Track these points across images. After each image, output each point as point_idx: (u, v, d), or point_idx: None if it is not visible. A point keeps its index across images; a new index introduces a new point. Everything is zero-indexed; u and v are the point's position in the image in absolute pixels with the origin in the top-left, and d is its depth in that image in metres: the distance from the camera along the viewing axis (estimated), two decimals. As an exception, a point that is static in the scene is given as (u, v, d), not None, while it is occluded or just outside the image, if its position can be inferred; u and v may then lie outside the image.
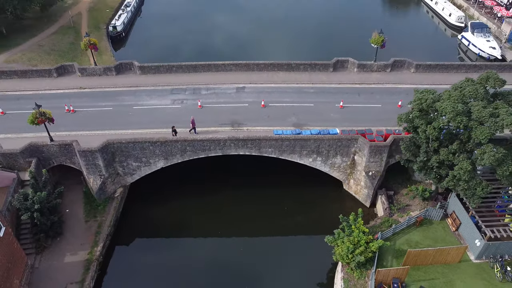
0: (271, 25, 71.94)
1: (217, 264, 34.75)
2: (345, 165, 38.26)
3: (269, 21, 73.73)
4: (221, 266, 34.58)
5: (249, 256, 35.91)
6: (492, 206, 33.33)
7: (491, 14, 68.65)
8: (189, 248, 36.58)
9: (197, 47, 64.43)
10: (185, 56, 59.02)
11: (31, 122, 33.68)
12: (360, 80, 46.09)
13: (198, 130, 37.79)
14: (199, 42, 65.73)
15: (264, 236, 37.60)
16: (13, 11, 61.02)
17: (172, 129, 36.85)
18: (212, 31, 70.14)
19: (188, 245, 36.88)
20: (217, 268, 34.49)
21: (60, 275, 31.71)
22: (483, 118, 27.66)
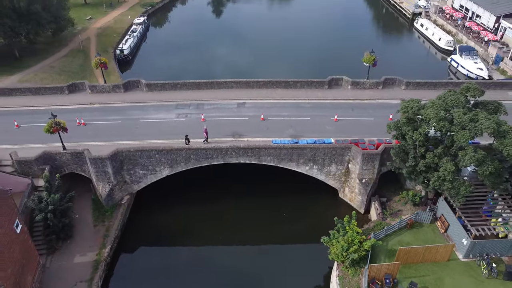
0: (270, 46, 76.15)
1: (218, 265, 36.48)
2: (340, 173, 40.52)
3: (269, 41, 78.00)
4: (221, 267, 36.32)
5: (250, 260, 37.67)
6: (479, 210, 35.39)
7: (479, 38, 72.48)
8: (190, 253, 38.17)
9: (200, 67, 68.05)
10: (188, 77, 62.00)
11: (47, 131, 36.22)
12: (353, 96, 49.02)
13: (203, 146, 39.86)
14: (201, 63, 69.48)
15: (263, 241, 39.28)
16: (27, 36, 64.93)
17: (185, 138, 39.38)
18: (214, 52, 74.44)
19: (189, 250, 38.52)
20: (217, 269, 36.20)
21: (70, 274, 33.42)
22: (463, 123, 30.20)
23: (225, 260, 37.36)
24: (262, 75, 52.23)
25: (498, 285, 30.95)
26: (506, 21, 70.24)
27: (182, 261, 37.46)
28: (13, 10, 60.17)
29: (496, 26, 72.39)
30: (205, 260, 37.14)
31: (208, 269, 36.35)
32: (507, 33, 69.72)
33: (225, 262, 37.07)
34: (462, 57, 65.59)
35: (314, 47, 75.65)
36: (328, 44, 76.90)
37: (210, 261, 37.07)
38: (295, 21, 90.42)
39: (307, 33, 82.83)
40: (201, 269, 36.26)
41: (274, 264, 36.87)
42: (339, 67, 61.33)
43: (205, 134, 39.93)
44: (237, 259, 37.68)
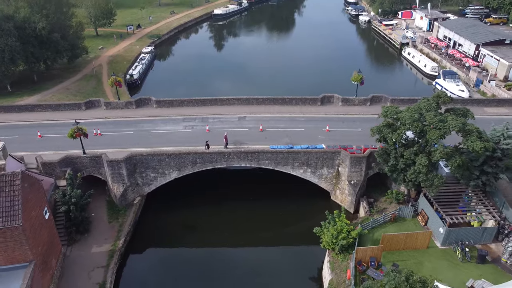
0: (269, 69, 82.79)
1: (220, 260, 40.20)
2: (331, 176, 44.86)
3: (268, 66, 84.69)
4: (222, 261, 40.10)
5: (250, 253, 41.44)
6: (456, 207, 39.49)
7: (461, 64, 78.58)
8: (193, 248, 41.89)
9: (203, 89, 73.36)
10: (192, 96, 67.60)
11: (70, 136, 40.95)
12: (344, 111, 54.12)
13: (208, 151, 44.54)
14: (204, 85, 75.07)
15: (263, 239, 42.96)
16: (45, 61, 70.96)
17: (206, 143, 44.30)
18: (216, 76, 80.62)
19: (192, 246, 42.11)
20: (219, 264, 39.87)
21: (88, 261, 37.14)
22: (434, 123, 34.97)
23: (225, 254, 41.20)
24: (261, 93, 57.27)
25: (472, 268, 34.63)
26: (485, 49, 76.53)
27: (186, 255, 41.22)
28: (35, 38, 66.43)
29: (476, 53, 78.61)
30: (206, 256, 40.81)
31: (210, 264, 39.86)
32: (486, 59, 75.82)
33: (226, 256, 40.93)
34: (445, 81, 71.19)
35: (309, 72, 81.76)
36: (322, 70, 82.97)
37: (212, 257, 40.67)
38: (292, 50, 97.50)
39: (304, 61, 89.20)
40: (203, 264, 39.87)
41: (272, 258, 40.49)
42: (331, 88, 66.45)
43: (225, 140, 44.81)
44: (237, 253, 41.45)
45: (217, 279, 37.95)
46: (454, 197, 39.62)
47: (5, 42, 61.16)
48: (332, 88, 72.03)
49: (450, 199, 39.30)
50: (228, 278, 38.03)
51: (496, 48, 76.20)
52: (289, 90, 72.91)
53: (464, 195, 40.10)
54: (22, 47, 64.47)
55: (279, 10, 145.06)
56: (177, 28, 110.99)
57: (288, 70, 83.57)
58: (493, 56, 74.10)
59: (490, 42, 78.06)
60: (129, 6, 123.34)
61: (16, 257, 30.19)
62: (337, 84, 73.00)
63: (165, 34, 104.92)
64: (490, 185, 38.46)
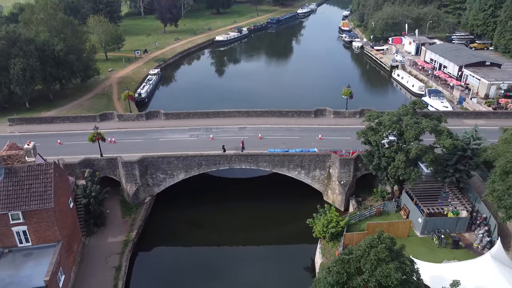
0: (268, 88, 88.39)
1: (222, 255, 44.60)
2: (323, 177, 49.65)
3: (267, 86, 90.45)
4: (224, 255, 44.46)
5: (248, 248, 45.65)
6: (435, 202, 44.11)
7: (446, 84, 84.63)
8: (196, 242, 46.03)
9: (206, 105, 78.78)
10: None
11: (90, 139, 46.09)
12: (335, 123, 59.47)
13: (213, 152, 49.67)
14: (207, 102, 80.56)
15: (261, 235, 47.32)
16: (61, 81, 76.93)
17: (222, 147, 49.53)
18: (218, 94, 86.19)
19: (196, 241, 46.26)
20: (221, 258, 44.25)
21: (105, 249, 41.48)
22: (410, 125, 40.15)
23: (226, 247, 45.54)
24: (259, 105, 62.82)
25: (447, 252, 38.96)
26: (467, 70, 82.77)
27: (191, 247, 45.54)
28: (53, 59, 72.58)
29: (460, 74, 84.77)
30: (209, 249, 45.14)
31: (212, 255, 44.21)
32: (468, 79, 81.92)
33: (227, 248, 45.29)
34: (430, 98, 76.90)
35: (305, 92, 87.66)
36: (317, 89, 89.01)
37: (214, 250, 45.08)
38: (289, 72, 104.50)
39: (300, 82, 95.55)
40: (206, 255, 44.19)
41: (270, 251, 44.91)
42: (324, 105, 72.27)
43: (242, 145, 49.92)
44: (238, 246, 45.74)
45: (219, 268, 42.05)
46: (433, 194, 44.29)
47: (27, 62, 67.17)
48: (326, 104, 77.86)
49: (430, 195, 43.97)
50: (229, 267, 42.21)
51: (477, 69, 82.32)
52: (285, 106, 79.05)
53: (442, 191, 44.82)
54: (41, 67, 70.46)
55: (277, 38, 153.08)
56: (181, 53, 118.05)
57: (285, 90, 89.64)
58: (475, 76, 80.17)
59: (472, 63, 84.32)
60: (136, 33, 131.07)
61: (46, 237, 34.70)
62: (330, 101, 78.25)
63: (170, 58, 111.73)
64: (463, 182, 43.25)
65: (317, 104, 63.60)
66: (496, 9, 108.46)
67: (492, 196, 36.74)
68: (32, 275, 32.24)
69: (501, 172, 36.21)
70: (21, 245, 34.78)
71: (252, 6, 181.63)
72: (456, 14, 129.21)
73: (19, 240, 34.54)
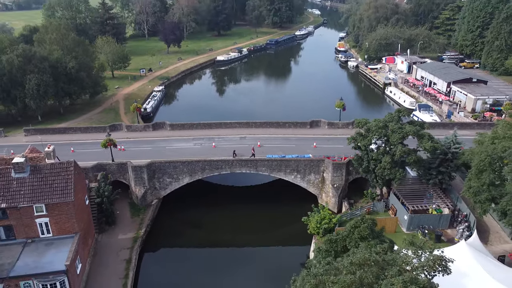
0: (267, 103, 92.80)
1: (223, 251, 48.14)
2: (317, 181, 53.51)
3: (266, 101, 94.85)
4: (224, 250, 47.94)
5: (248, 247, 49.18)
6: (421, 201, 47.86)
7: (435, 99, 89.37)
8: (199, 241, 49.58)
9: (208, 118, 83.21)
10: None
11: (103, 145, 50.19)
12: (329, 133, 63.73)
13: (215, 158, 53.63)
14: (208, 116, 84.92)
15: (260, 235, 50.92)
16: (71, 96, 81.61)
17: (233, 152, 53.76)
18: (219, 108, 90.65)
19: (198, 239, 49.87)
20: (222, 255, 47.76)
21: (116, 244, 45.03)
22: (394, 130, 44.32)
23: (227, 244, 49.06)
24: (258, 117, 67.20)
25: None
26: (455, 86, 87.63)
27: (194, 245, 48.92)
28: (65, 75, 77.39)
29: (448, 90, 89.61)
30: (211, 246, 48.58)
31: (213, 252, 47.77)
32: (456, 94, 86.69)
33: (227, 245, 48.82)
34: (420, 112, 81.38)
35: (302, 107, 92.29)
36: (314, 105, 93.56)
37: (215, 247, 48.52)
38: (287, 89, 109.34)
39: (297, 98, 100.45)
40: (208, 252, 47.71)
41: (269, 250, 48.49)
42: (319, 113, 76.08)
43: (253, 151, 54.27)
44: (237, 244, 49.26)
45: (219, 264, 45.44)
46: (419, 194, 48.12)
47: (41, 78, 71.93)
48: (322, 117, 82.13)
49: (415, 195, 47.79)
50: (228, 263, 45.61)
51: (464, 85, 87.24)
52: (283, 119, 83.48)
53: (428, 193, 48.65)
54: (54, 82, 75.20)
55: (276, 58, 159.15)
56: (184, 72, 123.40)
57: (283, 105, 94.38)
58: (462, 92, 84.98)
59: (460, 80, 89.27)
60: (140, 54, 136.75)
61: (66, 228, 38.36)
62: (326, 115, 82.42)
63: (174, 77, 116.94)
64: (446, 183, 47.26)
65: (314, 117, 67.89)
66: (483, 30, 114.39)
67: (469, 192, 40.63)
68: (53, 261, 35.78)
69: (476, 171, 40.19)
70: (43, 235, 38.39)
71: (252, 29, 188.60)
72: (446, 35, 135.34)
73: (41, 231, 38.17)
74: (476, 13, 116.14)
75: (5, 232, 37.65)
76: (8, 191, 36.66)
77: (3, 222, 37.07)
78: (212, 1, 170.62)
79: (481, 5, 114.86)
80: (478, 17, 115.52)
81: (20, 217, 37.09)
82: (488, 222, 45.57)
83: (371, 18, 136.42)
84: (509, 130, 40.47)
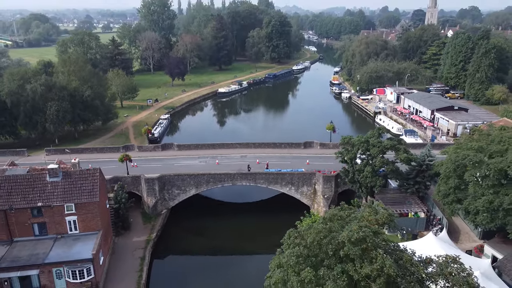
0: (265, 126, 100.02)
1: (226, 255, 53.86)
2: (310, 192, 59.84)
3: (265, 124, 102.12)
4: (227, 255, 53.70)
5: (247, 254, 54.93)
6: (401, 208, 54.07)
7: (420, 125, 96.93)
8: (203, 246, 55.18)
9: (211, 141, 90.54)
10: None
11: (120, 160, 56.97)
12: (321, 152, 70.63)
13: (218, 172, 60.12)
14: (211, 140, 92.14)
15: (258, 242, 56.68)
16: (85, 122, 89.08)
17: (248, 166, 60.28)
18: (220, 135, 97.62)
19: (203, 245, 55.54)
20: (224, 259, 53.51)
21: (131, 245, 50.85)
22: (375, 144, 51.24)
23: (228, 249, 54.79)
24: (257, 139, 74.29)
25: (408, 244, 48.39)
26: (438, 113, 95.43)
27: (199, 250, 54.59)
28: (82, 103, 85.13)
29: (432, 117, 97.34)
30: (213, 250, 54.26)
31: (216, 255, 53.45)
32: (439, 121, 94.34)
33: (229, 249, 54.51)
34: (406, 137, 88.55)
35: (298, 133, 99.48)
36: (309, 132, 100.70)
37: (217, 251, 54.19)
38: (284, 118, 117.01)
39: (293, 125, 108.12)
40: (211, 255, 53.40)
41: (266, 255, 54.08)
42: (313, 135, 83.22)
43: (267, 166, 61.31)
44: (237, 250, 55.01)
45: (221, 264, 51.34)
46: (399, 201, 54.41)
47: (61, 105, 79.54)
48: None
49: (396, 202, 54.08)
50: (228, 263, 51.42)
51: (447, 113, 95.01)
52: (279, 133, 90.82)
53: (407, 200, 54.97)
54: (72, 109, 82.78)
55: (274, 90, 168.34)
56: (187, 102, 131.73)
57: (281, 132, 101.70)
58: (444, 118, 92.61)
59: (443, 108, 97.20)
60: (147, 86, 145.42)
61: (91, 226, 44.46)
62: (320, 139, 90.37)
63: (178, 107, 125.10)
64: (422, 191, 53.68)
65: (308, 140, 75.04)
66: (465, 64, 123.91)
67: (438, 196, 47.10)
68: (81, 251, 41.70)
69: (444, 177, 46.81)
70: (71, 232, 44.42)
71: (251, 64, 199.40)
72: (433, 69, 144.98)
73: (70, 228, 44.24)
74: (459, 48, 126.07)
75: (39, 229, 43.72)
76: (43, 192, 43.07)
77: (38, 219, 43.23)
78: (214, 38, 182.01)
79: (463, 41, 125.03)
80: (460, 52, 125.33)
81: (53, 215, 43.29)
82: (459, 224, 51.66)
83: (363, 53, 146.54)
84: (470, 142, 47.32)
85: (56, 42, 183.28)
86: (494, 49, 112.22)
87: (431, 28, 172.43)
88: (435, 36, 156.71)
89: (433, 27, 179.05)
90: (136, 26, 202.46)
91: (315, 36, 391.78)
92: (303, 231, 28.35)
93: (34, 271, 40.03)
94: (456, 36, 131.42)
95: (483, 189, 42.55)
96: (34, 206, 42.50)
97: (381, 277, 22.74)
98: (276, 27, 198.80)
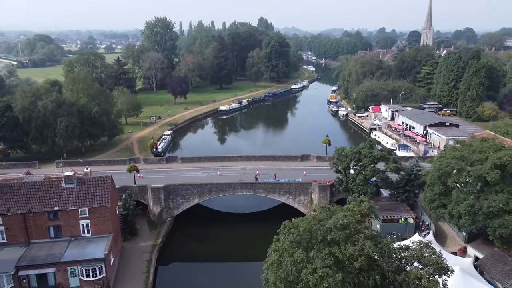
0: (265, 142, 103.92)
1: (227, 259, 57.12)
2: (306, 201, 63.37)
3: (264, 140, 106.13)
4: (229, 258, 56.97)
5: (247, 259, 58.17)
6: (392, 215, 57.55)
7: (413, 141, 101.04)
8: (205, 253, 58.60)
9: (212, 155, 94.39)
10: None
11: (128, 170, 60.74)
12: (317, 165, 74.45)
13: (220, 182, 63.84)
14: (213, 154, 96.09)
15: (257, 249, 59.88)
16: (92, 137, 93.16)
17: (255, 176, 63.92)
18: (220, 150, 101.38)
19: (205, 251, 58.92)
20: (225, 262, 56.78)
21: (138, 250, 54.13)
22: (366, 154, 55.12)
23: (228, 254, 58.00)
24: (257, 152, 78.16)
25: (398, 248, 51.71)
26: (430, 129, 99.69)
27: (201, 255, 57.86)
28: (90, 119, 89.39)
29: (425, 132, 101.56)
30: (214, 256, 57.59)
31: (217, 259, 56.67)
32: (431, 136, 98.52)
33: (229, 253, 57.73)
34: (400, 151, 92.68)
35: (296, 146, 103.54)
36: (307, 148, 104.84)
37: (218, 256, 57.49)
38: (282, 135, 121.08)
39: (292, 143, 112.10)
40: (212, 260, 56.65)
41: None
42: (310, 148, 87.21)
43: (274, 176, 64.69)
44: (238, 256, 58.27)
45: (223, 271, 54.40)
46: (390, 209, 57.94)
47: (70, 120, 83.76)
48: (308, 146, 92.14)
49: (388, 209, 57.60)
50: (227, 265, 54.53)
51: (438, 128, 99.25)
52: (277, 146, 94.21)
53: (397, 208, 58.49)
54: (80, 125, 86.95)
55: (273, 108, 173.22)
56: (189, 120, 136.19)
57: (279, 147, 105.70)
58: (436, 133, 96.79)
59: (434, 124, 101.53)
60: (150, 104, 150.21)
61: (102, 229, 47.92)
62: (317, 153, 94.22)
63: (180, 123, 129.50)
64: (411, 199, 57.30)
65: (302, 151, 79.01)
66: (457, 82, 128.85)
67: (425, 201, 50.71)
68: (93, 252, 45.07)
69: (429, 184, 50.55)
70: (83, 235, 47.85)
71: (251, 83, 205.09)
72: (427, 88, 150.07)
73: (83, 231, 47.69)
74: (450, 67, 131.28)
75: (54, 231, 47.17)
76: (59, 197, 46.73)
77: (54, 223, 46.74)
78: (215, 58, 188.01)
79: (454, 60, 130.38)
80: (452, 71, 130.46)
81: (68, 218, 46.82)
82: (446, 229, 55.07)
83: (359, 72, 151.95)
84: (453, 152, 51.19)
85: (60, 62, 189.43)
86: (483, 68, 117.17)
87: (425, 48, 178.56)
88: (429, 56, 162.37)
89: (427, 48, 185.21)
90: (140, 47, 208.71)
91: (313, 57, 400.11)
92: (296, 222, 31.98)
93: (51, 269, 43.32)
94: (448, 56, 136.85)
95: (465, 194, 46.24)
96: (51, 210, 46.07)
97: (362, 256, 26.30)
98: (275, 47, 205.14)
